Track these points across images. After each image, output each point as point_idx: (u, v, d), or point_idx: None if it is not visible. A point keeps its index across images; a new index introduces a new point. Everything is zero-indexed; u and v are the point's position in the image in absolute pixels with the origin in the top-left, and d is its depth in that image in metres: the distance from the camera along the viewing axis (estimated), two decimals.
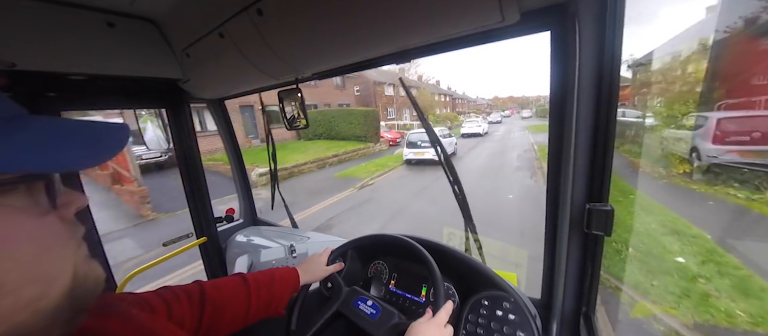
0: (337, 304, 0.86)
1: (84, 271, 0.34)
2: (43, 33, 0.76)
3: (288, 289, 0.83)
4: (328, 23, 0.68)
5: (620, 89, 0.61)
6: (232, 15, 0.77)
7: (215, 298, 0.70)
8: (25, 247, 0.28)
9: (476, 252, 1.08)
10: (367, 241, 1.03)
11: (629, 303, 2.53)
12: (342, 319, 0.86)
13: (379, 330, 0.76)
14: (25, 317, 0.28)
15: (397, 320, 0.78)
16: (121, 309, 0.48)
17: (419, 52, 0.83)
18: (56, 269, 0.31)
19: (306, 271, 0.90)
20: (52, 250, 0.31)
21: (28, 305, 0.28)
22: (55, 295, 0.30)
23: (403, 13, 0.60)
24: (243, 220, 1.83)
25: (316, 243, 1.41)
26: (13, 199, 0.29)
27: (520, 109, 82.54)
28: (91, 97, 1.16)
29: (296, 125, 1.22)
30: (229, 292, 0.74)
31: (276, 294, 0.80)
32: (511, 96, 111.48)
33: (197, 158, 1.55)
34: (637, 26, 20.58)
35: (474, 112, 54.93)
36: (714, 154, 4.82)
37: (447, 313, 0.72)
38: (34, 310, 0.28)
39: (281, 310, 0.82)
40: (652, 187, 5.07)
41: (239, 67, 0.93)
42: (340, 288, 0.90)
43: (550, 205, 0.79)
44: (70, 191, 0.36)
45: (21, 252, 0.28)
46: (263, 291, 0.78)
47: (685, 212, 3.76)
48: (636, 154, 6.39)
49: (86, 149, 0.33)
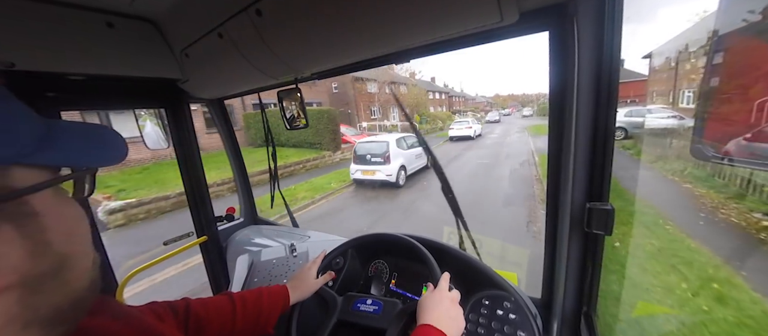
0: (336, 315, 0.83)
1: (93, 257, 0.39)
2: (42, 33, 0.76)
3: (277, 307, 0.81)
4: (327, 23, 0.68)
5: (633, 83, 0.61)
6: (231, 15, 0.77)
7: (199, 313, 0.70)
8: (85, 225, 0.36)
9: (476, 251, 1.08)
10: (367, 240, 1.03)
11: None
12: (346, 327, 0.82)
13: (385, 321, 0.76)
14: (84, 284, 0.34)
15: (402, 306, 0.78)
16: (123, 310, 0.48)
17: (418, 52, 0.83)
18: (90, 245, 0.37)
19: (295, 288, 0.86)
20: (89, 228, 0.37)
21: (84, 273, 0.34)
22: (92, 266, 0.36)
23: (402, 13, 0.60)
24: (243, 219, 1.83)
25: (316, 242, 1.41)
26: (77, 189, 0.37)
27: (522, 107, 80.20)
28: (91, 97, 1.16)
29: (296, 125, 1.22)
30: (214, 308, 0.73)
31: (263, 310, 0.78)
32: (512, 94, 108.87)
33: (197, 158, 1.56)
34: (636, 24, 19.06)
35: (472, 111, 53.27)
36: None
37: (446, 281, 0.75)
38: (88, 279, 0.34)
39: (269, 328, 0.79)
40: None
41: (238, 67, 0.93)
42: (334, 299, 0.87)
43: (550, 205, 0.79)
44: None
45: (83, 229, 0.35)
46: (250, 307, 0.76)
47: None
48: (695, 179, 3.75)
49: (114, 150, 0.40)
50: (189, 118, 1.49)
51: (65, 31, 0.79)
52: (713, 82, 0.51)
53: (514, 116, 56.02)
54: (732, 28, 0.46)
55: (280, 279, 1.24)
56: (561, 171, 0.72)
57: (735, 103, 0.49)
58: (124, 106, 1.34)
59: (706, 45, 1.75)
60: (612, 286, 1.54)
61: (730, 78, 0.49)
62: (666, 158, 4.43)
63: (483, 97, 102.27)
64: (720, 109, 0.52)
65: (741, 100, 0.48)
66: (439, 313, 0.66)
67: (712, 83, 0.51)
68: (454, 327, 0.65)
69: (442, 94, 48.06)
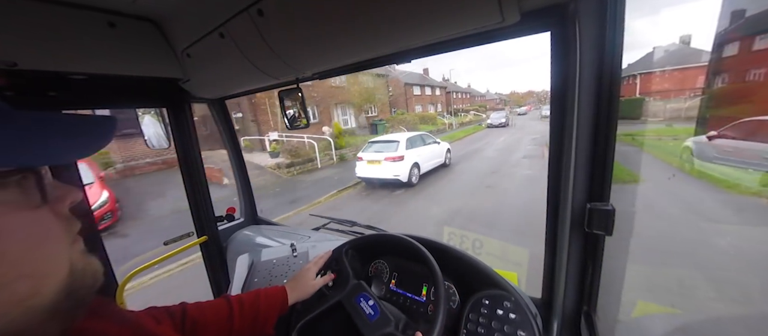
0: (341, 296, 0.85)
1: (81, 266, 0.34)
2: (44, 33, 0.76)
3: (275, 308, 0.81)
4: (328, 24, 0.68)
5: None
6: (232, 15, 0.77)
7: (196, 317, 0.70)
8: (15, 243, 0.28)
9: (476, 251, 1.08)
10: (367, 240, 1.04)
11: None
12: (342, 312, 0.84)
13: (372, 330, 0.76)
14: (18, 313, 0.28)
15: (392, 331, 0.75)
16: (120, 313, 0.48)
17: (419, 52, 0.84)
18: (50, 265, 0.31)
19: (293, 289, 0.87)
20: (44, 245, 0.31)
21: (20, 301, 0.28)
22: (50, 291, 0.30)
23: (403, 13, 0.60)
24: (244, 219, 1.84)
25: (317, 242, 1.42)
26: (4, 194, 0.28)
27: (541, 105, 63.65)
28: (92, 97, 1.16)
29: (297, 125, 1.23)
30: (211, 311, 0.73)
31: (261, 312, 0.78)
32: (531, 90, 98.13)
33: (198, 157, 1.56)
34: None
35: (475, 110, 40.56)
36: None
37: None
38: (27, 307, 0.28)
39: (268, 329, 0.80)
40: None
41: (240, 67, 0.93)
42: (348, 278, 0.89)
43: (550, 205, 0.79)
44: (63, 185, 0.35)
45: (12, 247, 0.28)
46: (247, 309, 0.77)
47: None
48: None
49: (72, 140, 0.33)
50: (190, 118, 1.50)
51: (67, 30, 0.80)
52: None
53: (530, 116, 40.27)
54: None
55: (280, 279, 1.24)
56: (562, 171, 0.72)
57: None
58: (126, 106, 1.34)
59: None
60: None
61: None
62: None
63: (497, 94, 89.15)
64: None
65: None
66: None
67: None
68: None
69: (436, 90, 34.91)
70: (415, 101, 29.54)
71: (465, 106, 44.26)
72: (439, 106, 34.76)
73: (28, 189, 0.30)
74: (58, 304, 0.30)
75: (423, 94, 31.51)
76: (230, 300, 0.78)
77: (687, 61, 14.55)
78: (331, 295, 0.87)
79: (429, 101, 32.63)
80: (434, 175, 8.63)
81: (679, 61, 15.09)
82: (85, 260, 0.35)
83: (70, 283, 0.32)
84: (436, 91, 34.81)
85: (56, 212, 0.33)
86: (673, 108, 9.65)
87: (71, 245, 0.34)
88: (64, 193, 0.35)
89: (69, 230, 0.34)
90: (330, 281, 0.95)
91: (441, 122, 24.01)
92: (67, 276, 0.31)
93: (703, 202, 3.68)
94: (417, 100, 30.02)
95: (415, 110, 27.24)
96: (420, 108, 29.27)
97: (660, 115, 9.27)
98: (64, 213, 0.34)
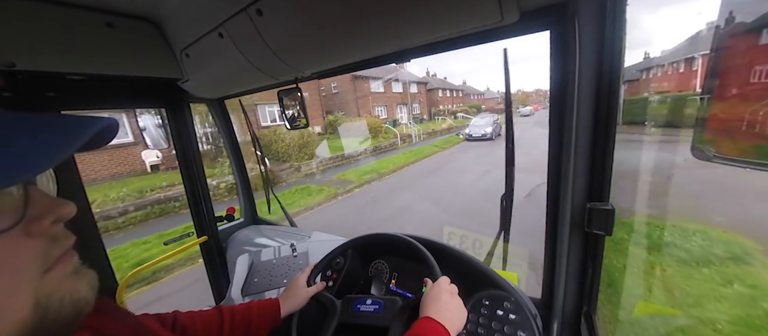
0: (337, 318, 0.82)
1: (58, 298, 0.28)
2: (42, 33, 0.76)
3: (267, 320, 0.80)
4: (327, 23, 0.68)
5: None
6: (231, 15, 0.77)
7: (186, 325, 0.70)
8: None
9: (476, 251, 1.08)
10: (367, 240, 1.03)
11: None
12: (348, 329, 0.81)
13: (386, 318, 0.76)
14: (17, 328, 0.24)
15: (402, 302, 0.79)
16: (121, 312, 0.48)
17: (419, 51, 0.83)
18: (5, 300, 0.24)
19: (286, 299, 0.86)
20: (24, 271, 0.25)
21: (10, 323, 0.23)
22: (7, 331, 0.25)
23: (402, 12, 0.60)
24: (244, 219, 1.84)
25: (317, 242, 1.41)
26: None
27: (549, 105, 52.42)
28: (91, 97, 1.16)
29: (296, 125, 1.22)
30: (202, 321, 0.73)
31: (253, 324, 0.77)
32: (539, 89, 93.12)
33: (197, 157, 1.55)
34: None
35: (463, 112, 30.53)
36: None
37: (445, 278, 0.76)
38: (23, 323, 0.24)
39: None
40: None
41: (239, 66, 0.93)
42: (333, 303, 0.86)
43: (550, 205, 0.79)
44: (49, 199, 0.29)
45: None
46: (238, 320, 0.76)
47: None
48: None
49: (32, 141, 0.25)
50: (189, 118, 1.49)
51: (65, 30, 0.79)
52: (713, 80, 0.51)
53: (537, 118, 28.55)
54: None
55: (280, 279, 1.24)
56: (561, 171, 0.72)
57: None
58: (125, 106, 1.34)
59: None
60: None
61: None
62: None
63: (499, 93, 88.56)
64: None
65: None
66: (438, 306, 0.67)
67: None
68: (455, 319, 0.66)
69: (412, 86, 26.50)
70: (375, 101, 22.31)
71: (457, 107, 34.83)
72: (418, 106, 27.66)
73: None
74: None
75: (388, 91, 23.41)
76: (222, 310, 0.78)
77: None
78: (327, 324, 0.82)
79: (398, 101, 24.54)
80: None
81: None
82: (68, 287, 0.29)
83: (37, 321, 0.26)
84: (411, 87, 26.15)
85: (31, 233, 0.27)
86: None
87: (43, 275, 0.28)
88: (44, 210, 0.28)
89: (46, 255, 0.28)
90: (322, 288, 0.92)
91: (391, 133, 17.26)
92: (29, 314, 0.26)
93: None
94: (378, 99, 22.58)
95: (375, 113, 21.35)
96: (382, 110, 22.43)
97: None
98: (45, 232, 0.29)
